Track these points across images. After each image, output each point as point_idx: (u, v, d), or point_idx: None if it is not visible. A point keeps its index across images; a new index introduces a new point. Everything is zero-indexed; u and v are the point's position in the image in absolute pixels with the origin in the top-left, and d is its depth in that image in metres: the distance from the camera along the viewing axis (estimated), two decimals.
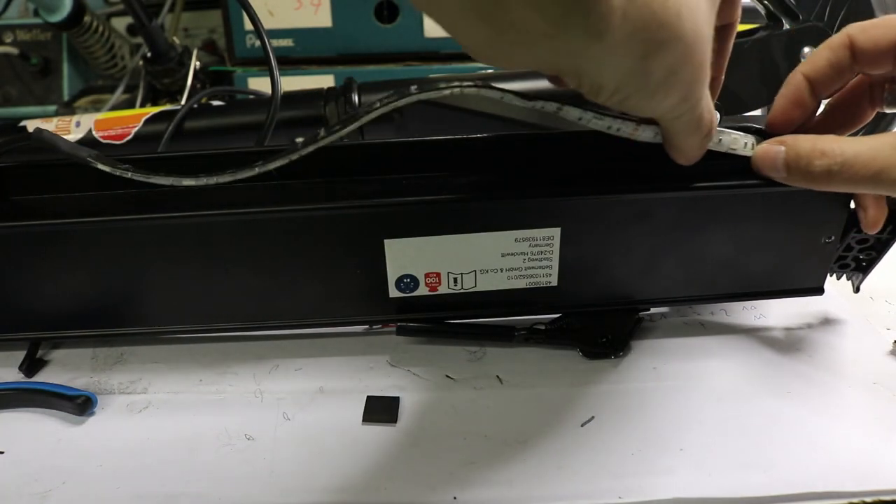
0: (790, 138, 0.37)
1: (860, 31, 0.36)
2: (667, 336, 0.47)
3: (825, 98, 0.39)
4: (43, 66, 0.80)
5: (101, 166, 0.37)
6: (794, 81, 0.38)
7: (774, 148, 0.37)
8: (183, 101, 0.68)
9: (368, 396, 0.42)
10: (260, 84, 0.76)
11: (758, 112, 0.58)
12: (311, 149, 0.34)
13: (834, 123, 0.40)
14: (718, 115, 0.47)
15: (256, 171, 0.35)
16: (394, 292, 0.43)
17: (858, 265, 0.46)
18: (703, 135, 0.34)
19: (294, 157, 0.34)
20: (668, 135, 0.34)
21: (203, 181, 0.36)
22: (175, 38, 0.71)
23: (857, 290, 0.48)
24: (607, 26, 0.22)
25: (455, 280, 0.43)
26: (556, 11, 0.21)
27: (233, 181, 0.35)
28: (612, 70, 0.25)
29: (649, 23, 0.23)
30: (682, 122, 0.32)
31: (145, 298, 0.44)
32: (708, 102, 0.32)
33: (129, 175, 0.37)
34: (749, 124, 0.40)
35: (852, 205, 0.42)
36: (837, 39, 0.36)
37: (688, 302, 0.48)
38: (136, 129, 0.59)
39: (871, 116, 0.40)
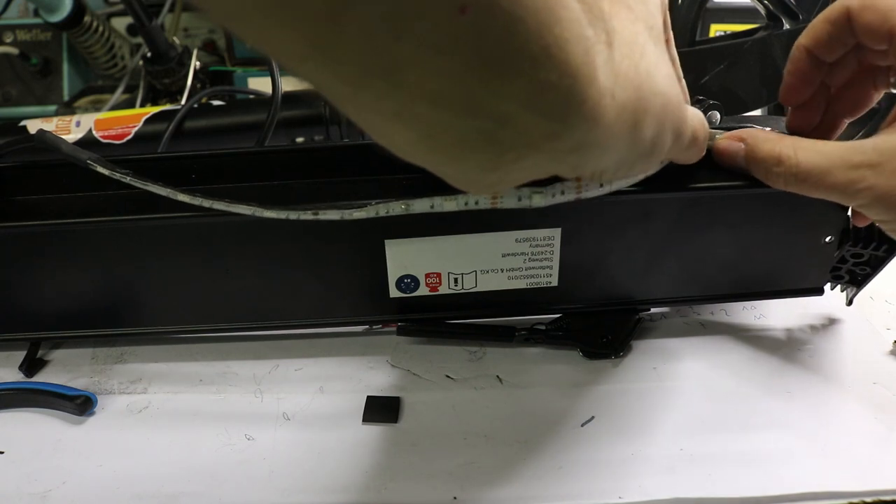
0: (751, 137, 0.37)
1: (859, 8, 0.35)
2: (667, 336, 0.47)
3: (831, 61, 0.38)
4: (43, 66, 0.80)
5: (100, 169, 0.37)
6: (795, 55, 0.38)
7: (734, 145, 0.37)
8: (183, 101, 0.67)
9: (368, 396, 0.42)
10: (260, 84, 0.76)
11: (758, 112, 0.58)
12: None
13: (840, 108, 0.39)
14: (720, 115, 0.47)
15: (252, 211, 0.35)
16: (394, 292, 0.43)
17: (853, 278, 0.46)
18: (700, 141, 0.33)
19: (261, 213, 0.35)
20: (671, 160, 0.35)
21: (198, 201, 0.36)
22: (175, 38, 0.71)
23: (849, 302, 0.47)
24: (602, 109, 0.22)
25: (456, 280, 0.43)
26: (557, 108, 0.21)
27: (227, 211, 0.35)
28: (611, 151, 0.25)
29: (633, 92, 0.24)
30: (677, 148, 0.32)
31: (145, 298, 0.44)
32: (691, 117, 0.31)
33: (126, 180, 0.37)
34: (743, 124, 0.40)
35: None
36: (836, 13, 0.35)
37: (688, 302, 0.48)
38: (137, 128, 0.59)
39: (876, 99, 0.39)
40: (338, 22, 0.17)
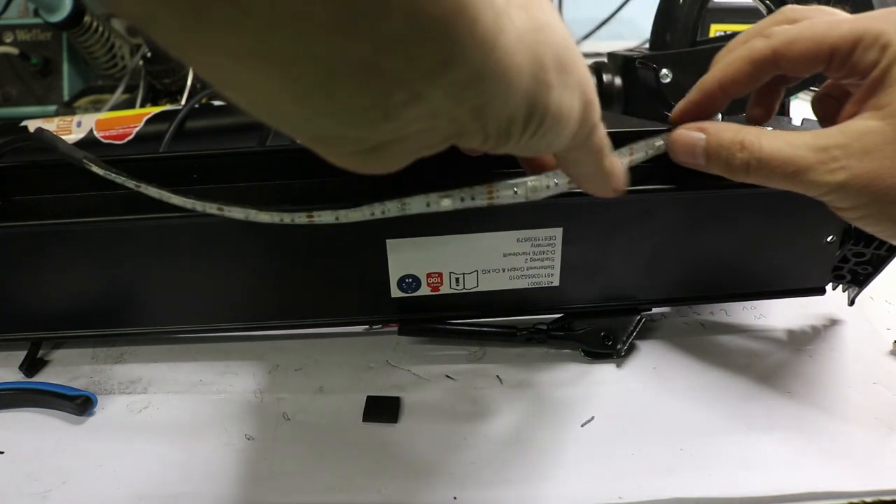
0: (712, 127, 0.35)
1: (786, 44, 0.33)
2: (667, 336, 0.47)
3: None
4: (43, 66, 0.80)
5: (94, 169, 0.37)
6: (708, 90, 0.36)
7: (694, 135, 0.35)
8: (183, 101, 0.67)
9: (368, 396, 0.42)
10: None
11: None
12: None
13: (763, 101, 0.39)
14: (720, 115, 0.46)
15: (245, 215, 0.34)
16: (395, 292, 0.43)
17: (855, 278, 0.46)
18: (607, 156, 0.29)
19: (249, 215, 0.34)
20: (582, 172, 0.30)
21: (190, 204, 0.35)
22: None
23: (851, 303, 0.47)
24: (499, 28, 0.19)
25: (457, 280, 0.43)
26: (447, 25, 0.17)
27: (220, 213, 0.35)
28: (516, 89, 0.21)
29: (529, 20, 0.21)
30: (584, 130, 0.26)
31: (145, 298, 0.44)
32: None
33: (120, 181, 0.37)
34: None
35: None
36: (760, 53, 0.34)
37: (689, 302, 0.48)
38: (138, 129, 0.59)
39: (782, 94, 0.38)
40: None
